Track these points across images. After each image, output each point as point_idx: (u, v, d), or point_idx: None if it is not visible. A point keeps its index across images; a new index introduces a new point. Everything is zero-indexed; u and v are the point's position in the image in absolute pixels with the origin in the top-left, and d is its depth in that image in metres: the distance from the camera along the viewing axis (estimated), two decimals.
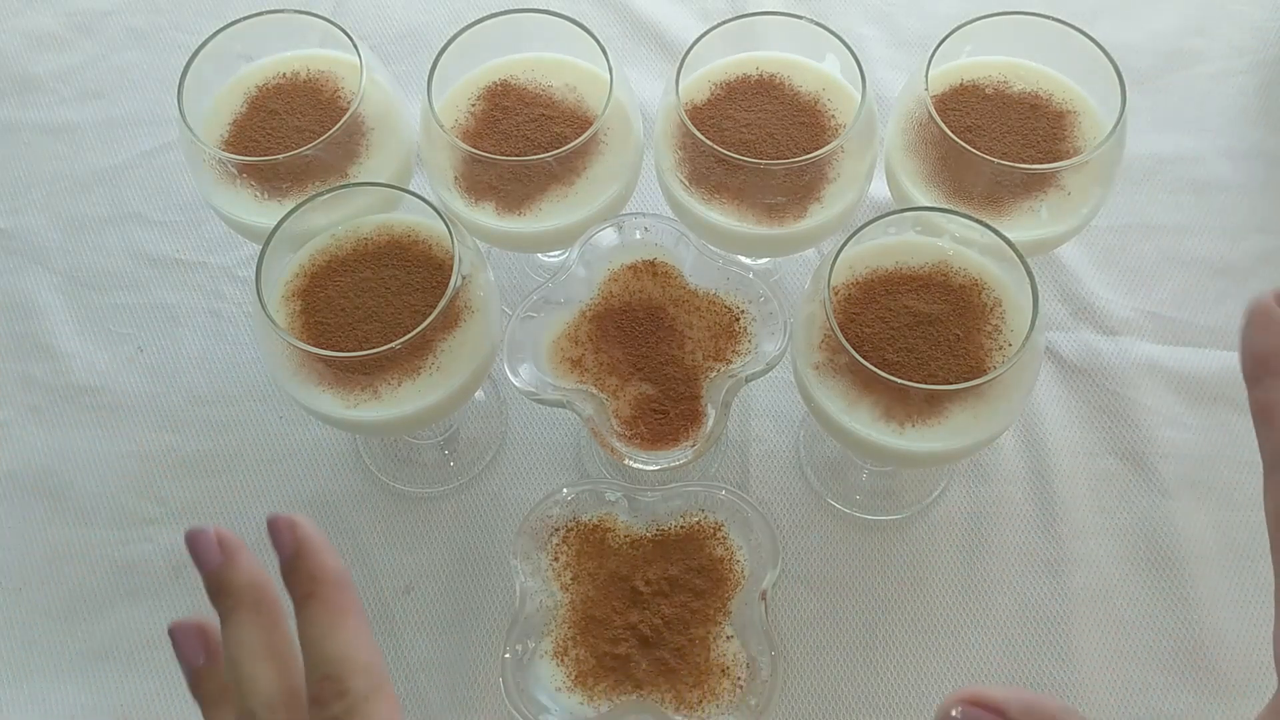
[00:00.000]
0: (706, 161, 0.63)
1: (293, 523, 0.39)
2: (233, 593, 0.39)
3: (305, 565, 0.39)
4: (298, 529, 0.39)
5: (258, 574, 0.40)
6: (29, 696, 0.67)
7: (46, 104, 0.87)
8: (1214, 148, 0.82)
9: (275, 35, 0.67)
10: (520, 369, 0.61)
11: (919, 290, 0.58)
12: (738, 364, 0.61)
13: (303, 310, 0.59)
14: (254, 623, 0.39)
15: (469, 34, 0.66)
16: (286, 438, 0.74)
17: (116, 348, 0.77)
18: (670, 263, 0.64)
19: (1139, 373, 0.74)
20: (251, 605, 0.39)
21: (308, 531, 0.39)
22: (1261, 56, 0.86)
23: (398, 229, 0.61)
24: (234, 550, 0.40)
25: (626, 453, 0.59)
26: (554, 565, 0.60)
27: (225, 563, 0.40)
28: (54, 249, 0.81)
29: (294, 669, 0.38)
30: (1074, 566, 0.68)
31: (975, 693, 0.34)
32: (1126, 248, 0.79)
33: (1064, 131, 0.64)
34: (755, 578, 0.59)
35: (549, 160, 0.63)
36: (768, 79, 0.67)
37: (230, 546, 0.40)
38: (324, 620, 0.38)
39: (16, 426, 0.75)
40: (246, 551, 0.40)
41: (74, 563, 0.70)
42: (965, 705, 0.34)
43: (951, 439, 0.55)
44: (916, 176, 0.65)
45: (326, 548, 0.39)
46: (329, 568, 0.39)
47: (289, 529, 0.39)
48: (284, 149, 0.63)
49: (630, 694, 0.57)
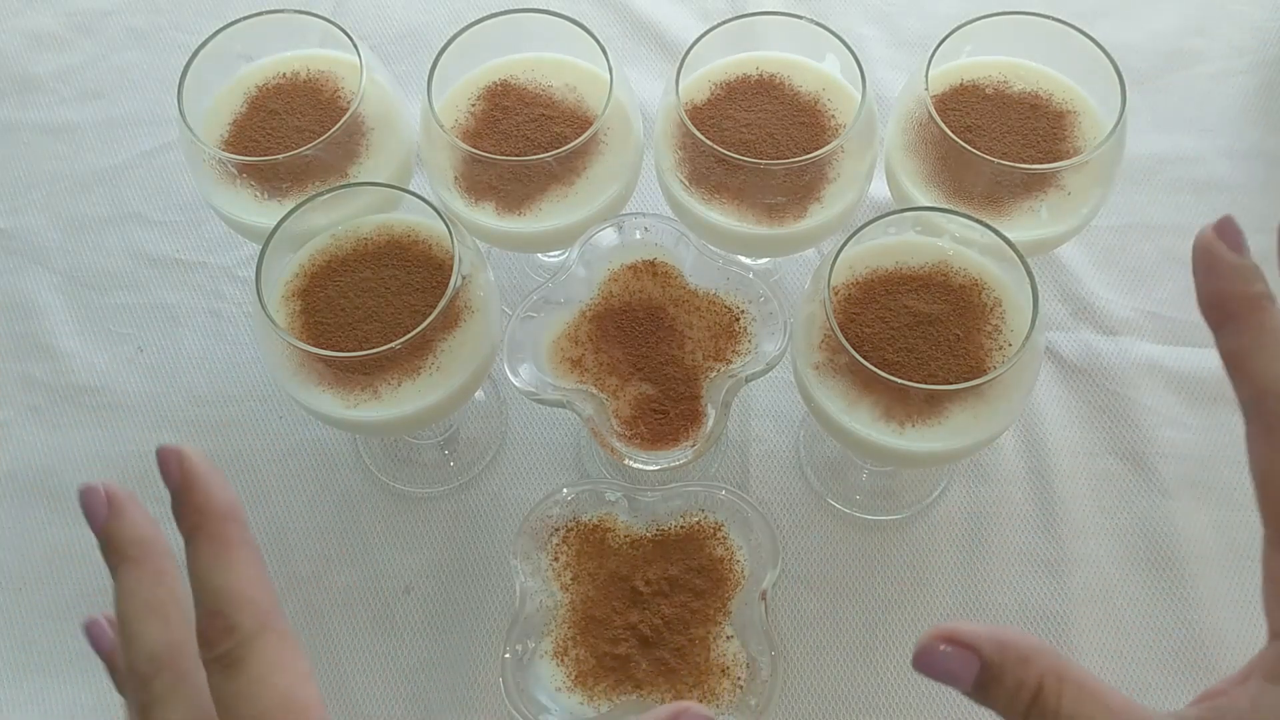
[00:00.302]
0: (706, 161, 0.63)
1: (180, 454, 0.37)
2: (117, 548, 0.38)
3: (192, 499, 0.37)
4: (184, 461, 0.37)
5: (144, 528, 0.38)
6: (29, 696, 0.67)
7: (46, 104, 0.87)
8: (1214, 148, 0.82)
9: (275, 35, 0.67)
10: (520, 369, 0.61)
11: (919, 290, 0.58)
12: (738, 364, 0.61)
13: (303, 310, 0.59)
14: (137, 577, 0.37)
15: (469, 34, 0.66)
16: (286, 438, 0.74)
17: (116, 348, 0.77)
18: (670, 263, 0.64)
19: (1139, 373, 0.74)
20: (135, 559, 0.38)
21: (194, 463, 0.37)
22: (1261, 56, 0.86)
23: (398, 229, 0.61)
24: (121, 505, 0.38)
25: (626, 453, 0.59)
26: (554, 565, 0.60)
27: (110, 517, 0.38)
28: (54, 249, 0.81)
29: (181, 621, 0.37)
30: (1074, 566, 0.68)
31: (950, 630, 0.34)
32: (1126, 248, 0.79)
33: (1064, 131, 0.64)
34: (755, 578, 0.59)
35: (549, 160, 0.63)
36: (768, 79, 0.67)
37: (118, 502, 0.38)
38: (209, 554, 0.36)
39: (16, 426, 0.75)
40: (135, 506, 0.39)
41: (74, 563, 0.70)
42: (941, 641, 0.34)
43: (951, 439, 0.55)
44: (916, 176, 0.65)
45: (215, 480, 0.37)
46: (216, 500, 0.37)
47: (175, 461, 0.37)
48: (284, 149, 0.63)
49: (630, 694, 0.57)
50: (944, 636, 0.34)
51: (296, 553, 0.70)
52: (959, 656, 0.34)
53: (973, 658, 0.34)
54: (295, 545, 0.70)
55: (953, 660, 0.34)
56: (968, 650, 0.34)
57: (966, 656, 0.34)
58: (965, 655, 0.34)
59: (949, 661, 0.34)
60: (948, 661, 0.34)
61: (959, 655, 0.34)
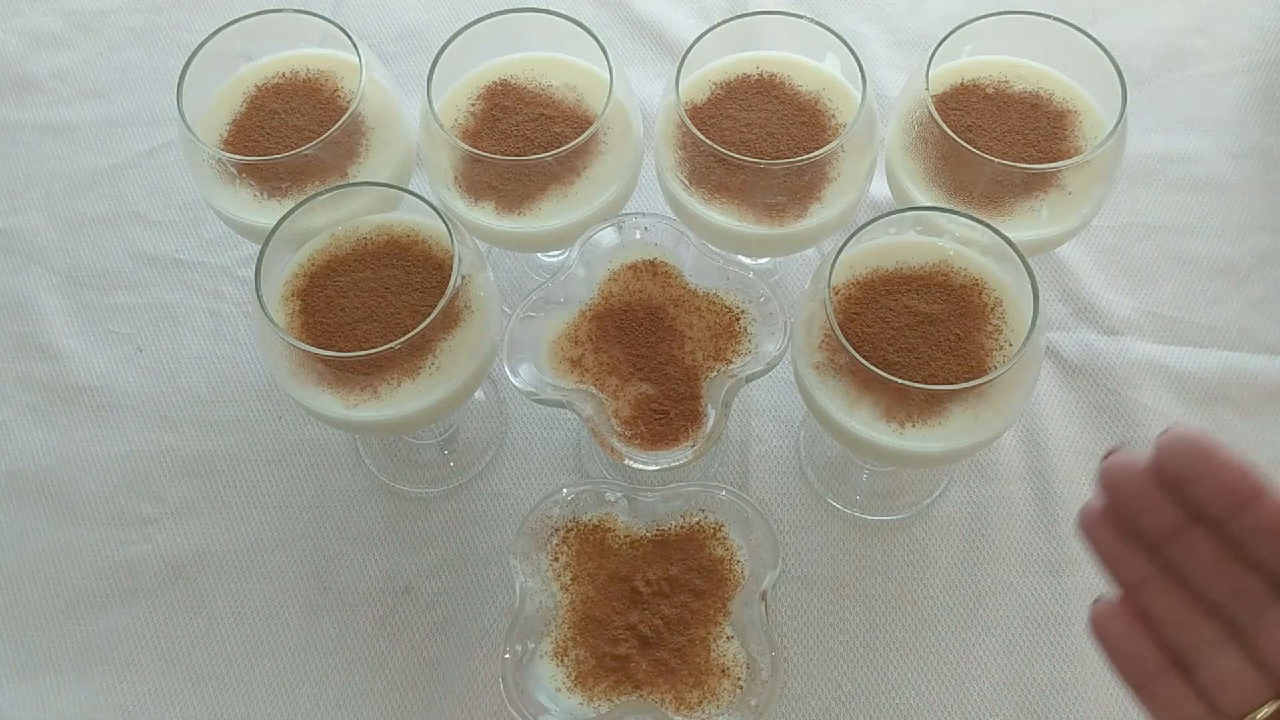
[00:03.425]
0: (707, 161, 0.63)
1: None
2: None
3: None
4: None
5: None
6: (29, 696, 0.67)
7: (46, 103, 0.87)
8: (1214, 147, 0.82)
9: (275, 35, 0.67)
10: (520, 369, 0.61)
11: (919, 290, 0.58)
12: (738, 364, 0.61)
13: (302, 310, 0.59)
14: None
15: (469, 33, 0.66)
16: (286, 438, 0.74)
17: (116, 348, 0.77)
18: (670, 263, 0.64)
19: (1139, 373, 0.74)
20: None
21: None
22: (1262, 56, 0.86)
23: (397, 229, 0.61)
24: None
25: (626, 453, 0.59)
26: (554, 565, 0.60)
27: None
28: (53, 249, 0.81)
29: None
30: (1074, 566, 0.68)
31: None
32: (1127, 247, 0.79)
33: (1065, 131, 0.64)
34: (755, 578, 0.59)
35: (549, 160, 0.63)
36: (768, 79, 0.67)
37: None
38: None
39: (16, 426, 0.75)
40: None
41: (73, 563, 0.70)
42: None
43: (952, 439, 0.55)
44: (917, 176, 0.65)
45: None
46: None
47: None
48: (283, 149, 0.63)
49: (630, 694, 0.57)
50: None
51: (296, 553, 0.70)
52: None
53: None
54: (295, 545, 0.70)
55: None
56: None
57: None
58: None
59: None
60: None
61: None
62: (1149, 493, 0.37)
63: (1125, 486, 0.37)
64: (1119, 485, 0.37)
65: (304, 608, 0.69)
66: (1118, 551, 0.38)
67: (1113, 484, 0.37)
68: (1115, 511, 0.38)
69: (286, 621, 0.68)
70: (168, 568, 0.70)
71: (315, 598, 0.69)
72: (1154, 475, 0.36)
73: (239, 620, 0.68)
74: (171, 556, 0.70)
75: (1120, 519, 0.38)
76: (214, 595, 0.69)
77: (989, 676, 0.66)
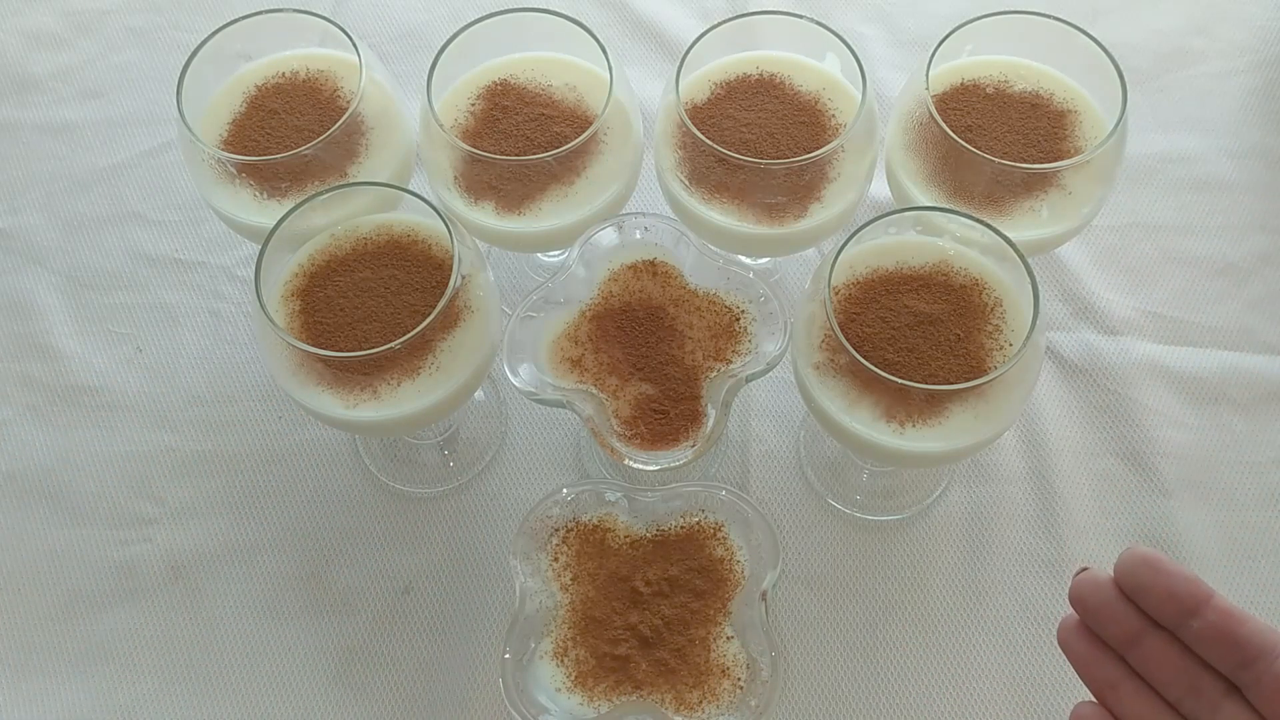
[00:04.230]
0: (707, 161, 0.63)
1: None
2: None
3: None
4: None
5: None
6: (28, 696, 0.67)
7: (45, 103, 0.87)
8: (1214, 147, 0.82)
9: (274, 34, 0.67)
10: (520, 369, 0.61)
11: (919, 290, 0.58)
12: (738, 364, 0.61)
13: (302, 310, 0.59)
14: None
15: (469, 33, 0.66)
16: (286, 438, 0.74)
17: (115, 348, 0.77)
18: (670, 263, 0.64)
19: (1139, 373, 0.74)
20: None
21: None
22: (1262, 56, 0.86)
23: (397, 229, 0.61)
24: None
25: (626, 453, 0.59)
26: (554, 565, 0.60)
27: None
28: (53, 249, 0.81)
29: None
30: (1074, 566, 0.68)
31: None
32: (1127, 247, 0.79)
33: (1065, 131, 0.64)
34: (755, 578, 0.59)
35: (549, 160, 0.63)
36: (768, 79, 0.67)
37: None
38: None
39: (16, 426, 0.75)
40: None
41: (73, 563, 0.70)
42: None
43: (952, 439, 0.55)
44: (917, 176, 0.65)
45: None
46: None
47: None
48: (283, 148, 0.63)
49: (630, 695, 0.57)
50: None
51: (296, 553, 0.70)
52: None
53: None
54: (295, 545, 0.70)
55: None
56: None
57: None
58: None
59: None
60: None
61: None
62: (1113, 603, 0.41)
63: (1092, 598, 0.42)
64: (1087, 598, 0.42)
65: (304, 608, 0.69)
66: (1091, 658, 0.43)
67: (1081, 597, 0.42)
68: (1086, 623, 0.42)
69: (286, 621, 0.68)
70: (168, 568, 0.70)
71: (315, 598, 0.69)
72: (1116, 588, 0.41)
73: (239, 620, 0.68)
74: (171, 556, 0.70)
75: (1091, 629, 0.42)
76: (214, 595, 0.69)
77: (989, 676, 0.66)
